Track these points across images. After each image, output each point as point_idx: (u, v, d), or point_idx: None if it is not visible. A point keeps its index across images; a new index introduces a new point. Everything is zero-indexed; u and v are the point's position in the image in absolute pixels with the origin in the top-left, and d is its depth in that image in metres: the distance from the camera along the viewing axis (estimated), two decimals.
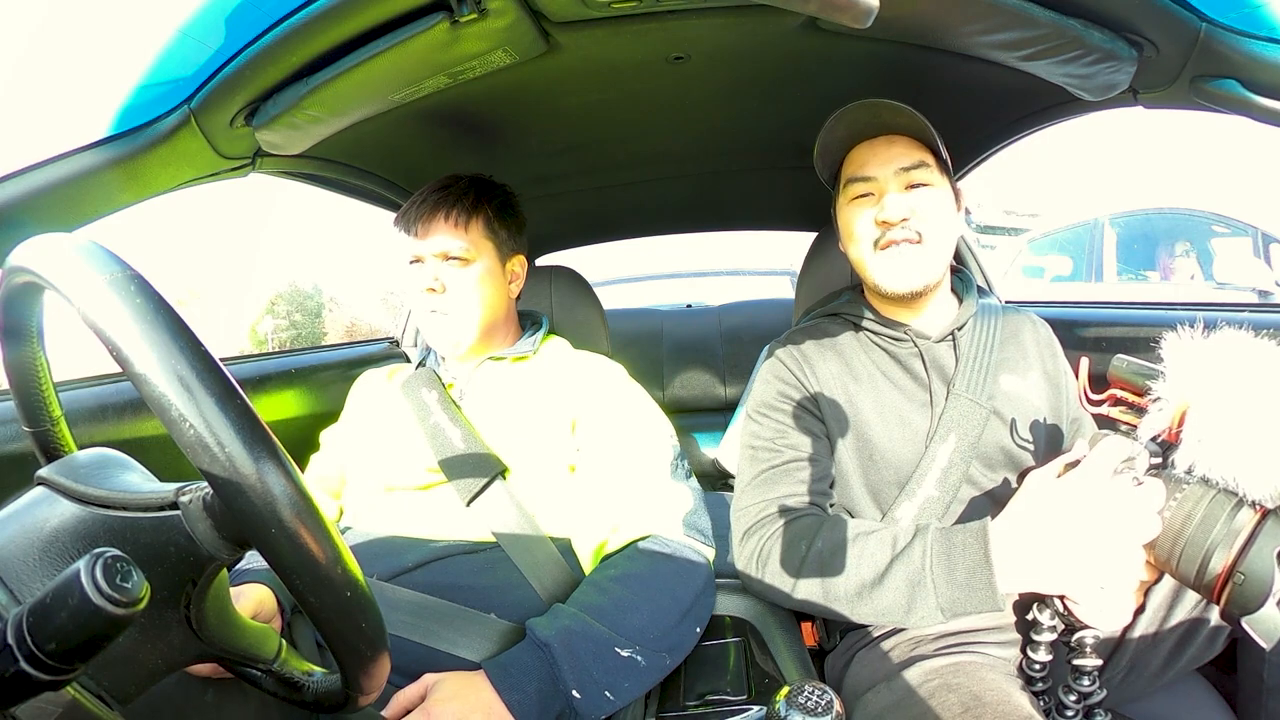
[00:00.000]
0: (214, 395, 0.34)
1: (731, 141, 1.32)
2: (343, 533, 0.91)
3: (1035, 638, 0.73)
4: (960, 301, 0.98)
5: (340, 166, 1.17)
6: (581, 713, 0.69)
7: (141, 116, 0.76)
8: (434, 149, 1.21)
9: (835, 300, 1.05)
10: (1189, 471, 0.60)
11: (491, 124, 1.13)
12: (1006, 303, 1.06)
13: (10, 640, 0.29)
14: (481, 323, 0.97)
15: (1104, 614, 0.66)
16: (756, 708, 0.68)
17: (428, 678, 0.68)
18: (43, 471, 0.43)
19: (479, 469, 0.88)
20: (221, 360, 0.36)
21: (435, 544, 0.85)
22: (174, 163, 0.81)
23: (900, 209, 0.86)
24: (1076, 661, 0.69)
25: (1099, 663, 0.69)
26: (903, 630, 0.88)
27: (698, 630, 0.81)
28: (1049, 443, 0.89)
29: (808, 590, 0.79)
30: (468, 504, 0.87)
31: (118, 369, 0.36)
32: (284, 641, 0.52)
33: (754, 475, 0.90)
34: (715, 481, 1.69)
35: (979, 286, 1.03)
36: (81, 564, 0.30)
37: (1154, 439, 0.63)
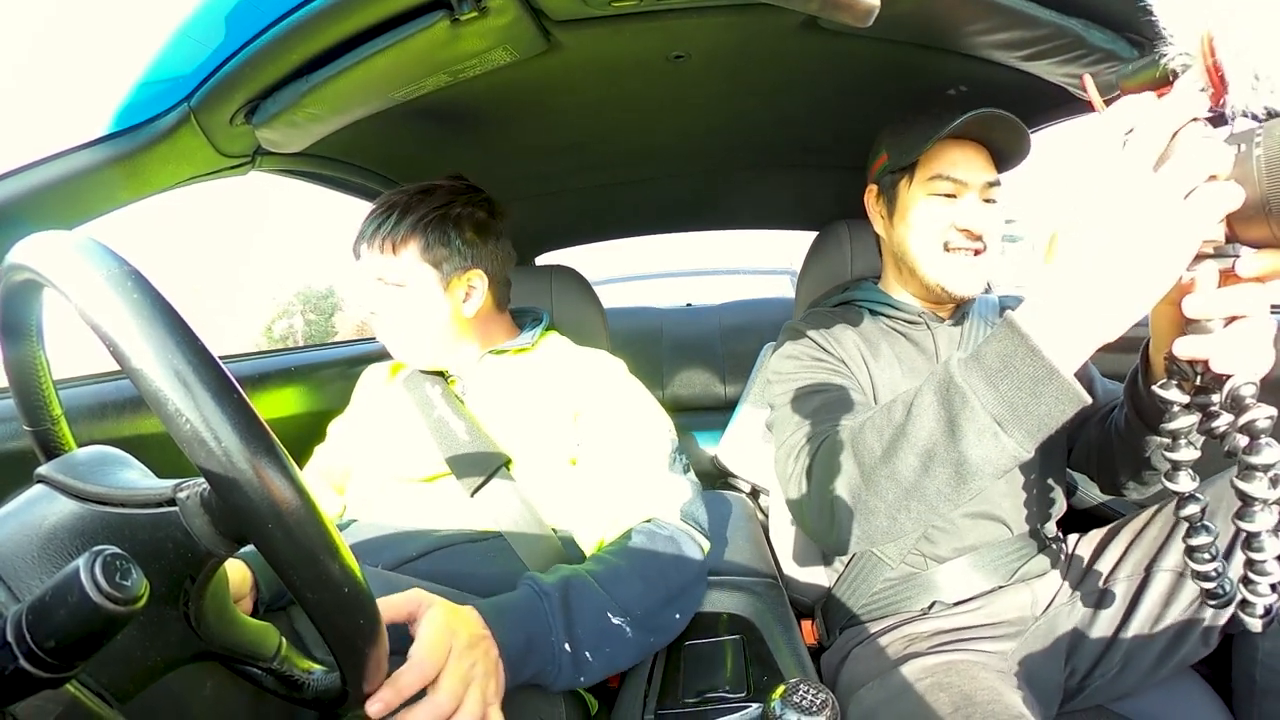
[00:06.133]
0: (210, 390, 0.34)
1: (732, 140, 1.32)
2: (347, 524, 0.92)
3: (1170, 426, 0.53)
4: None
5: (340, 165, 1.17)
6: (562, 668, 0.67)
7: (141, 114, 0.76)
8: (434, 147, 1.21)
9: (851, 288, 1.06)
10: (1249, 114, 0.45)
11: (491, 122, 1.13)
12: (1002, 296, 1.07)
13: (9, 638, 0.29)
14: (424, 342, 0.96)
15: (1236, 341, 0.48)
16: (753, 705, 0.68)
17: (415, 591, 0.62)
18: (42, 469, 0.43)
19: (483, 462, 0.89)
20: (220, 358, 0.36)
21: (439, 534, 0.86)
22: (174, 160, 0.81)
23: (982, 222, 0.89)
24: (1245, 419, 0.48)
25: (1273, 412, 0.48)
26: (897, 627, 0.88)
27: (678, 617, 0.80)
28: None
29: (848, 475, 0.68)
30: (471, 495, 0.87)
31: (117, 367, 0.36)
32: (284, 639, 0.52)
33: (799, 421, 0.84)
34: (715, 480, 1.69)
35: None
36: (81, 562, 0.30)
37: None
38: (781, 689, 0.52)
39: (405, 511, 0.89)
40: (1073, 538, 0.95)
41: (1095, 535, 0.92)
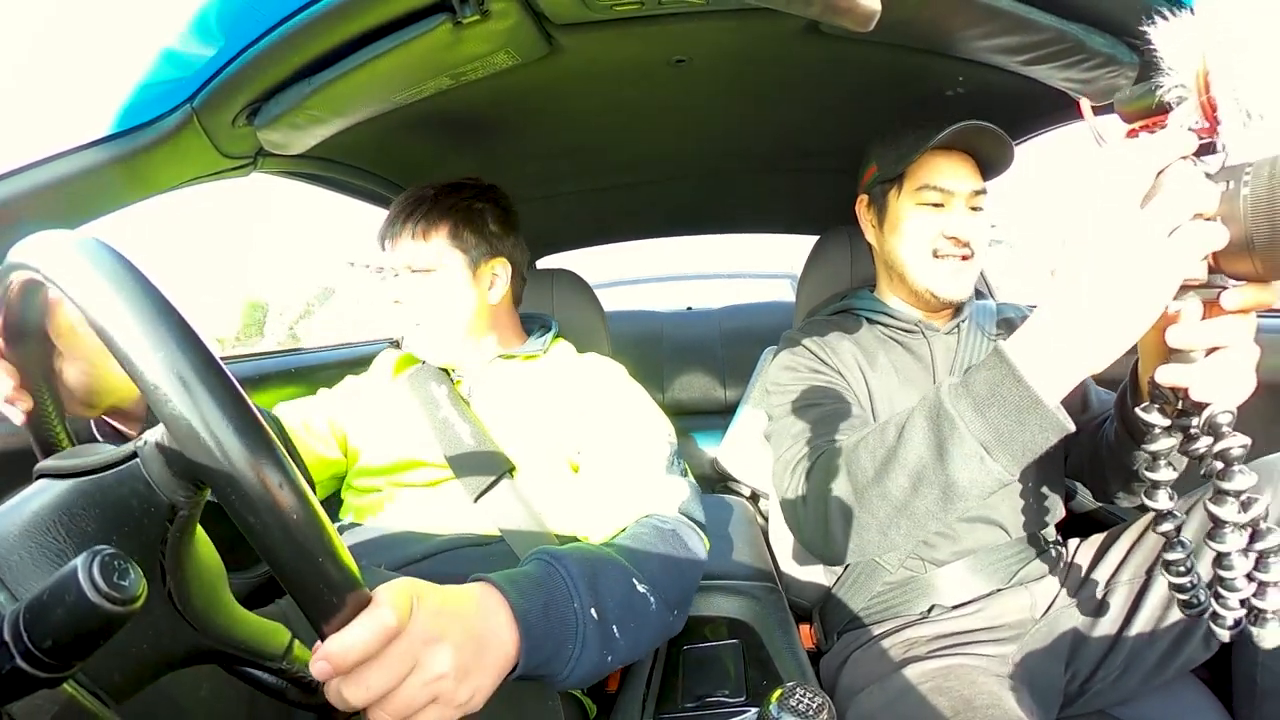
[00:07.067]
0: (149, 311, 0.34)
1: (732, 144, 1.32)
2: (350, 527, 0.91)
3: (1151, 447, 0.56)
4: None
5: (342, 167, 1.17)
6: (587, 642, 0.58)
7: (144, 115, 0.77)
8: (436, 150, 1.21)
9: (849, 296, 1.07)
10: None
11: (493, 125, 1.13)
12: (1000, 304, 1.08)
13: (6, 637, 0.29)
14: (449, 331, 0.96)
15: (1215, 372, 0.50)
16: (750, 710, 0.68)
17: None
18: (39, 465, 0.43)
19: (487, 466, 0.88)
20: (222, 359, 0.36)
21: (442, 537, 0.85)
22: (176, 161, 0.81)
23: (969, 230, 0.91)
24: (1220, 446, 0.51)
25: (1247, 441, 0.50)
26: (897, 631, 0.88)
27: (673, 617, 0.72)
28: None
29: (842, 491, 0.70)
30: (475, 500, 0.87)
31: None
32: (295, 638, 0.49)
33: (796, 434, 0.86)
34: (715, 484, 1.69)
35: (976, 289, 1.05)
36: (78, 561, 0.30)
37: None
38: (778, 693, 0.52)
39: (409, 514, 0.89)
40: (1073, 542, 0.95)
41: (1095, 540, 0.92)
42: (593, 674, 0.59)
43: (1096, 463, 0.85)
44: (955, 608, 0.88)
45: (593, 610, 0.59)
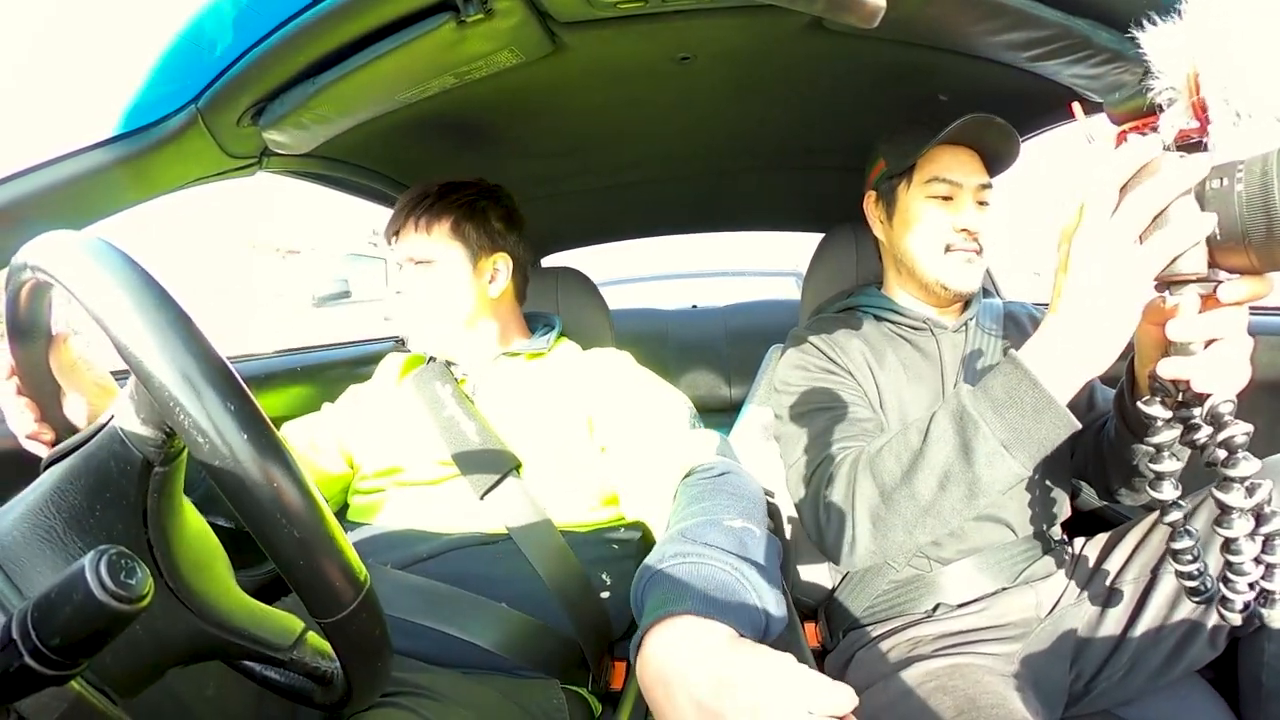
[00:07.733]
0: (154, 312, 0.35)
1: (737, 142, 1.32)
2: (356, 526, 0.91)
3: (1154, 440, 0.59)
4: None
5: (347, 166, 1.18)
6: (751, 579, 0.52)
7: (148, 115, 0.77)
8: (440, 149, 1.21)
9: (855, 294, 1.07)
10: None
11: (497, 124, 1.13)
12: (1007, 302, 1.07)
13: (15, 635, 0.30)
14: (447, 322, 0.97)
15: (1216, 363, 0.53)
16: None
17: None
18: (45, 457, 0.43)
19: (493, 464, 0.89)
20: (228, 358, 0.36)
21: (449, 536, 0.86)
22: (181, 161, 0.82)
23: (977, 223, 0.93)
24: (1224, 435, 0.53)
25: (1249, 429, 0.52)
26: (902, 630, 0.88)
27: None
28: None
29: (867, 496, 0.73)
30: (481, 498, 0.87)
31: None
32: (309, 629, 0.47)
33: (809, 440, 0.87)
34: None
35: (983, 288, 1.05)
36: (86, 560, 0.30)
37: (1184, 144, 0.51)
38: None
39: (415, 512, 0.89)
40: (1079, 541, 0.94)
41: (1101, 539, 0.92)
42: (779, 610, 0.52)
43: (1099, 459, 0.86)
44: (960, 606, 0.88)
45: (728, 555, 0.54)
